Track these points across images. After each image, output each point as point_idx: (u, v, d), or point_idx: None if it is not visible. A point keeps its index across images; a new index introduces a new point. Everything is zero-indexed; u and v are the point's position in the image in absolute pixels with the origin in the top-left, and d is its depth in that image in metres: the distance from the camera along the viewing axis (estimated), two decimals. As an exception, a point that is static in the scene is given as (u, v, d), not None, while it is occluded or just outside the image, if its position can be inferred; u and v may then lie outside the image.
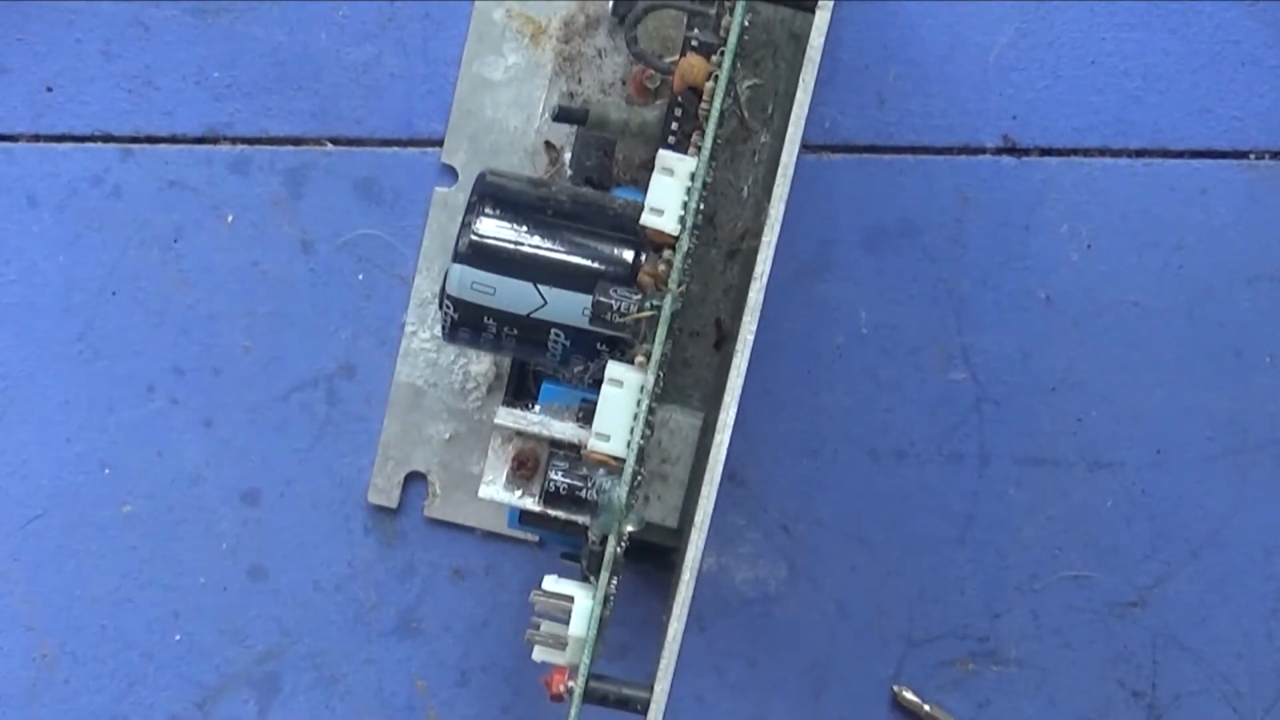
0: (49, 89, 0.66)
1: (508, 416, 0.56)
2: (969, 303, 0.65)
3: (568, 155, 0.63)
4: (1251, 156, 0.65)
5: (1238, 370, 0.65)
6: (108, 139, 0.66)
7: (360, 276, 0.65)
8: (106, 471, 0.65)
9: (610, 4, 0.63)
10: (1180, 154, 0.65)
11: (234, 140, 0.66)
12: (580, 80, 0.64)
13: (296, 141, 0.65)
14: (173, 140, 0.66)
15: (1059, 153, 0.65)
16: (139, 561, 0.65)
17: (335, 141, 0.66)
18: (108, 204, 0.65)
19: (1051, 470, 0.65)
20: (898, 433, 0.65)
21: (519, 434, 0.56)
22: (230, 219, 0.65)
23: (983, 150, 0.65)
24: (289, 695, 0.65)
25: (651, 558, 0.60)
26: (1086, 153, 0.65)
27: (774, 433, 0.65)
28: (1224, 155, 0.65)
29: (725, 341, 0.61)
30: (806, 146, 0.64)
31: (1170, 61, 0.65)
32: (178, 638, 0.65)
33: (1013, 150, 0.65)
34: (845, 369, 0.65)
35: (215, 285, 0.65)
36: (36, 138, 0.66)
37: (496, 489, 0.56)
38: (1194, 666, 0.65)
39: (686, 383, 0.61)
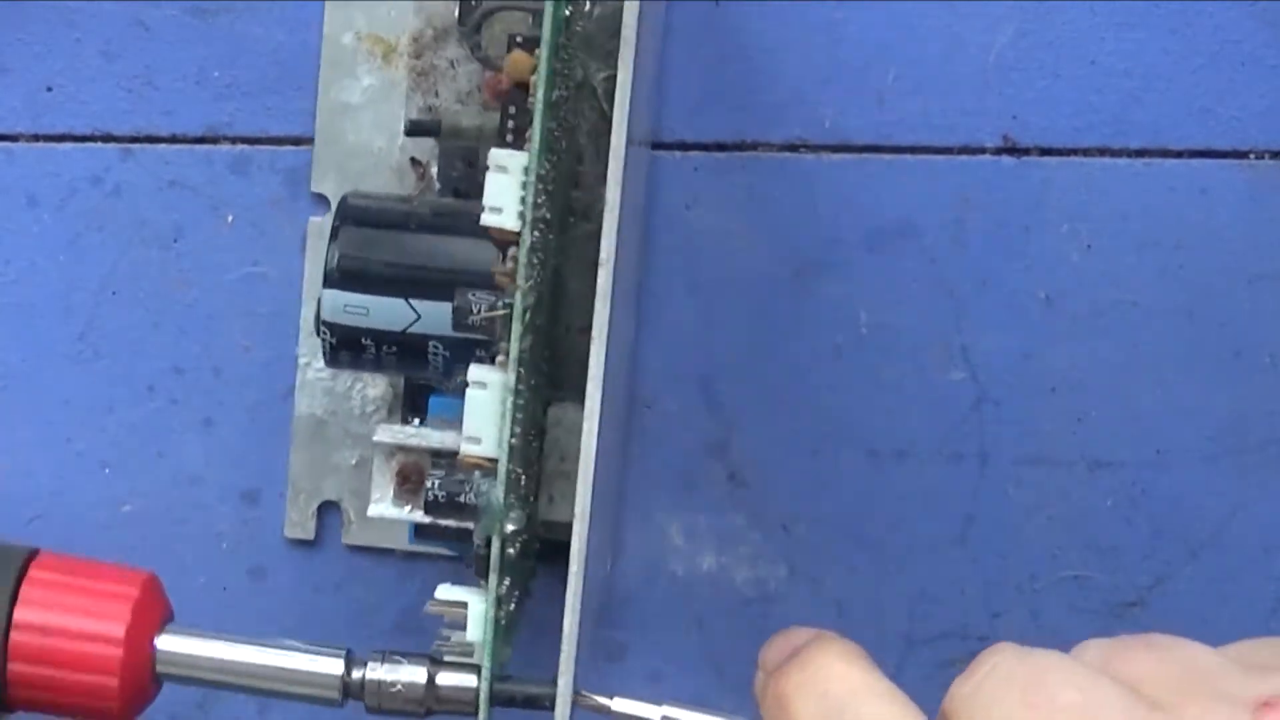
0: (49, 89, 0.65)
1: (385, 433, 0.56)
2: (969, 303, 0.65)
3: (435, 169, 0.63)
4: (1251, 156, 0.65)
5: (1238, 370, 0.65)
6: (108, 139, 0.65)
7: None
8: (106, 471, 0.65)
9: (456, 13, 0.63)
10: (1180, 154, 0.65)
11: (234, 140, 0.66)
12: (437, 93, 0.64)
13: (296, 141, 0.65)
14: (173, 140, 0.66)
15: (1059, 153, 0.65)
16: (139, 561, 0.65)
17: (335, 141, 0.66)
18: (108, 204, 0.65)
19: (1051, 470, 0.65)
20: (898, 433, 0.65)
21: (400, 449, 0.56)
22: (230, 219, 0.65)
23: (983, 150, 0.65)
24: (289, 695, 0.65)
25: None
26: (1086, 153, 0.65)
27: (774, 433, 0.65)
28: (1224, 155, 0.65)
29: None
30: (807, 146, 0.64)
31: (1170, 61, 0.65)
32: (178, 638, 0.65)
33: (1013, 150, 0.65)
34: (845, 369, 0.65)
35: (215, 285, 0.65)
36: (36, 138, 0.66)
37: (385, 506, 0.56)
38: (1194, 666, 0.65)
39: (581, 380, 0.60)
